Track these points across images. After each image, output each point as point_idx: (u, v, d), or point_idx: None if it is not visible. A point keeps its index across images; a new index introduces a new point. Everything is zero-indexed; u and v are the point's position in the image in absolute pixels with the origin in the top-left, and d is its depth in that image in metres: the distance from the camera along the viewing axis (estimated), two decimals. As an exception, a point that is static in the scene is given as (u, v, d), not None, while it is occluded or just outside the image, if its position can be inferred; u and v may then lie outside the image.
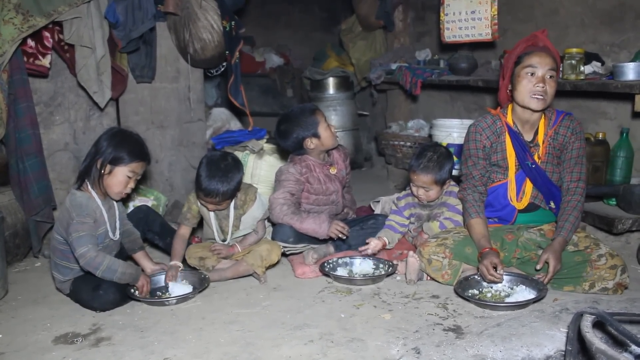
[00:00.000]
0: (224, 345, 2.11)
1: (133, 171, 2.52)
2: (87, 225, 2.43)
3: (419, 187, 2.88)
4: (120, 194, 2.54)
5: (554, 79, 2.51)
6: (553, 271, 2.41)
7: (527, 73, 2.51)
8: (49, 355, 2.08)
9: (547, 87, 2.48)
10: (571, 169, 2.61)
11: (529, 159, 2.60)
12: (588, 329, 1.49)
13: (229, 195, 2.79)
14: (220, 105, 5.48)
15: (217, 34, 3.71)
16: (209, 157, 2.83)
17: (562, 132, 2.61)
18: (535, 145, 2.63)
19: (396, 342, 2.08)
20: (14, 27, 2.82)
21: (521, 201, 2.66)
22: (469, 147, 2.71)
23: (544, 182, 2.61)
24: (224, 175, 2.73)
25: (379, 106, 6.11)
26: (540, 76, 2.48)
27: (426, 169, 2.82)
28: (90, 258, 2.37)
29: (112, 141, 2.49)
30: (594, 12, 3.59)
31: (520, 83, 2.53)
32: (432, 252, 2.61)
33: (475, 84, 3.97)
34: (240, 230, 2.95)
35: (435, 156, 2.84)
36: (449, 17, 4.16)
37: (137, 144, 2.57)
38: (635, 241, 3.04)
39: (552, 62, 2.50)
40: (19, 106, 3.00)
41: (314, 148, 3.01)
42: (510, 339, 1.99)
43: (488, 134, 2.67)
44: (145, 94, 3.82)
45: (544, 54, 2.50)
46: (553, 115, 2.65)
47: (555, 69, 2.51)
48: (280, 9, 6.99)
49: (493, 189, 2.70)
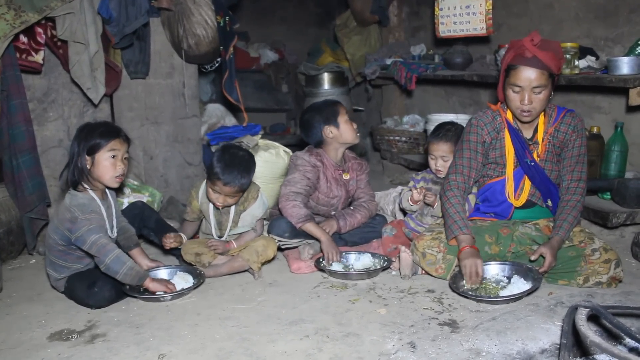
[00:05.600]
0: (220, 341, 2.11)
1: (112, 149, 2.47)
2: (95, 219, 2.43)
3: (437, 158, 2.92)
4: (114, 178, 2.50)
5: (544, 91, 2.43)
6: (547, 267, 2.42)
7: (512, 90, 2.47)
8: (44, 352, 2.08)
9: (535, 101, 2.43)
10: (572, 167, 2.59)
11: (528, 157, 2.59)
12: (583, 322, 1.49)
13: (245, 187, 2.82)
14: (215, 101, 5.47)
15: (212, 30, 3.69)
16: (225, 148, 2.86)
17: (563, 130, 2.58)
18: (534, 143, 2.61)
19: (392, 337, 2.08)
20: (6, 22, 2.80)
21: (519, 199, 2.66)
22: (470, 139, 2.67)
23: (543, 180, 2.60)
24: (242, 165, 2.77)
25: (374, 101, 6.11)
26: (525, 94, 2.43)
27: (445, 137, 2.89)
28: (101, 245, 2.36)
29: (80, 136, 2.48)
30: (588, 7, 3.59)
31: (507, 96, 2.51)
32: (426, 246, 2.62)
33: (470, 78, 3.97)
34: (239, 227, 2.95)
35: (453, 128, 2.93)
36: (443, 11, 4.16)
37: (104, 125, 2.54)
38: (630, 235, 3.05)
39: (540, 76, 2.40)
40: (12, 103, 2.98)
41: (332, 137, 3.03)
42: (506, 332, 2.00)
43: (489, 130, 2.65)
44: (140, 90, 3.81)
45: (530, 69, 2.40)
46: (554, 112, 2.61)
47: (544, 83, 2.41)
48: (275, 4, 6.97)
49: (489, 185, 2.70)
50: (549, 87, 2.45)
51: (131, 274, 2.42)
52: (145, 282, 2.49)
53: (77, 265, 2.56)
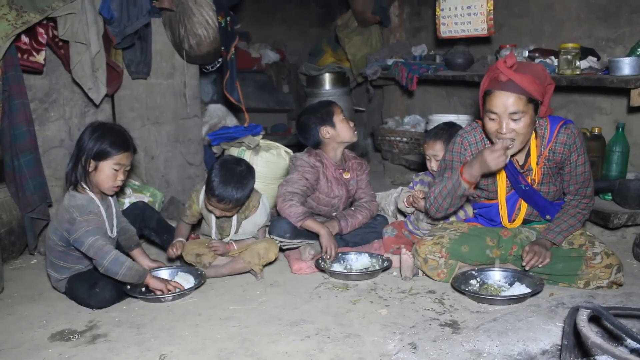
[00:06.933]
0: (221, 341, 2.11)
1: (118, 163, 2.46)
2: (93, 221, 2.42)
3: (431, 158, 2.92)
4: (112, 188, 2.50)
5: (524, 118, 2.23)
6: (527, 263, 2.41)
7: (489, 118, 2.29)
8: (45, 352, 2.08)
9: (515, 129, 2.24)
10: (577, 186, 2.48)
11: (522, 182, 2.46)
12: (584, 323, 1.49)
13: (241, 202, 2.77)
14: (216, 102, 5.47)
15: (213, 30, 3.69)
16: (223, 162, 2.77)
17: (559, 151, 2.43)
18: (528, 169, 2.46)
19: (393, 338, 2.08)
20: (8, 23, 2.80)
21: (514, 222, 2.59)
22: (452, 159, 2.53)
23: (540, 201, 2.52)
24: (239, 182, 2.69)
25: (375, 102, 6.11)
26: (503, 122, 2.24)
27: (436, 136, 2.89)
28: (98, 247, 2.35)
29: (92, 136, 2.44)
30: (589, 7, 3.59)
31: (485, 125, 2.34)
32: (428, 252, 2.59)
33: (472, 79, 3.97)
34: (239, 234, 2.94)
35: (447, 127, 2.92)
36: (444, 12, 4.16)
37: (119, 135, 2.50)
38: (631, 236, 3.04)
39: (516, 101, 2.20)
40: (14, 103, 2.98)
41: (330, 137, 3.04)
42: (507, 333, 1.99)
43: (474, 151, 2.49)
44: (141, 90, 3.81)
45: (506, 95, 2.21)
46: (547, 131, 2.42)
47: (522, 109, 2.20)
48: (276, 4, 6.96)
49: (483, 205, 2.64)
50: (530, 113, 2.25)
51: (131, 273, 2.41)
52: (146, 279, 2.49)
53: (78, 266, 2.56)
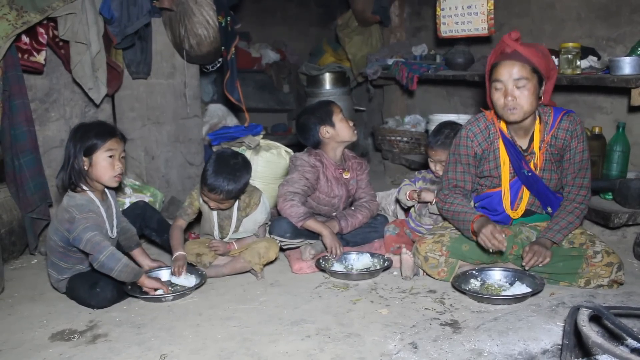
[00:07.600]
0: (221, 341, 2.11)
1: (110, 149, 2.47)
2: (92, 218, 2.43)
3: (436, 163, 2.94)
4: (113, 177, 2.50)
5: (528, 85, 2.34)
6: (527, 263, 2.43)
7: (495, 88, 2.41)
8: (45, 352, 2.08)
9: (518, 97, 2.35)
10: (574, 174, 2.53)
11: (525, 167, 2.51)
12: (584, 323, 1.49)
13: (233, 195, 2.77)
14: (216, 101, 5.48)
15: (213, 30, 3.69)
16: (220, 153, 2.81)
17: (561, 136, 2.49)
18: (531, 153, 2.52)
19: (393, 337, 2.08)
20: (8, 23, 2.80)
21: (517, 210, 2.61)
22: (459, 152, 2.61)
23: (541, 189, 2.54)
24: (231, 174, 2.71)
25: (376, 101, 6.11)
26: (508, 89, 2.36)
27: (443, 145, 2.88)
28: (95, 242, 2.35)
29: (76, 136, 2.46)
30: (590, 7, 3.59)
31: (492, 98, 2.45)
32: (428, 250, 2.60)
33: (472, 78, 3.97)
34: (240, 232, 2.94)
35: (453, 133, 2.87)
36: (445, 12, 4.16)
37: (101, 126, 2.53)
38: (632, 235, 3.04)
39: (521, 69, 2.33)
40: (14, 103, 2.99)
41: (330, 137, 3.04)
42: (507, 333, 1.99)
43: (480, 140, 2.57)
44: (141, 90, 3.81)
45: (511, 63, 2.34)
46: (550, 117, 2.51)
47: (526, 76, 2.33)
48: (276, 4, 6.97)
49: (487, 194, 2.65)
50: (533, 82, 2.35)
51: (126, 271, 2.41)
52: (140, 279, 2.49)
53: (79, 267, 2.57)
